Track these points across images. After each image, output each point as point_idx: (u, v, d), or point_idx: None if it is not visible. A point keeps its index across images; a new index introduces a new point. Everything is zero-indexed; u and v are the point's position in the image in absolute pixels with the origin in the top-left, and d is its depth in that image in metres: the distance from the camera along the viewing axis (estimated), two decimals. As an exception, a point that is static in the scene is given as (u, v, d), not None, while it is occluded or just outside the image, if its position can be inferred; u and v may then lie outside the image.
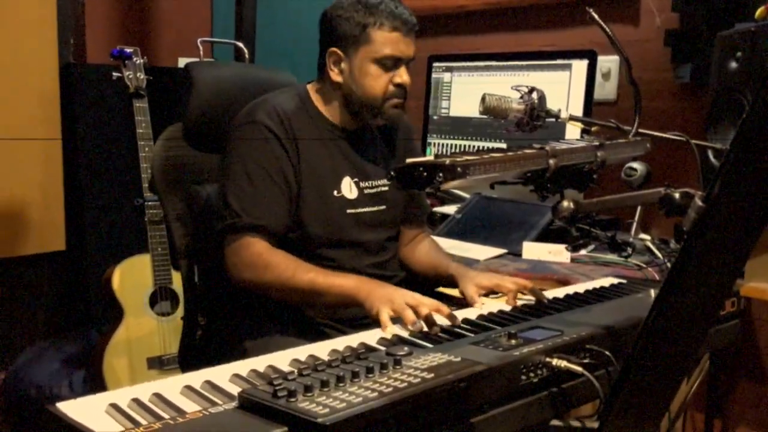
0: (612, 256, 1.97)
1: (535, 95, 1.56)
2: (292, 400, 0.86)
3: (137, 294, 2.55)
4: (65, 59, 2.92)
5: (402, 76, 1.63)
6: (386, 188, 1.71)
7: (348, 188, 1.66)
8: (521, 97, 1.56)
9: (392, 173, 1.04)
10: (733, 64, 1.82)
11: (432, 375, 0.95)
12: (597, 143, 1.22)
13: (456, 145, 2.62)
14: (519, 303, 1.48)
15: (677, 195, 1.04)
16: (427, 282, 1.79)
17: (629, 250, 1.98)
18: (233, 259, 1.55)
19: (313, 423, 0.82)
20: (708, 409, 2.24)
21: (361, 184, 1.68)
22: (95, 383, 2.47)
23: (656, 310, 0.91)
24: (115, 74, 2.60)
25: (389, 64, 1.61)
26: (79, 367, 2.57)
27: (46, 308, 2.93)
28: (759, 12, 1.82)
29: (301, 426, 0.83)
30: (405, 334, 1.28)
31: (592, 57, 2.27)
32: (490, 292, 1.57)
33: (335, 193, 1.64)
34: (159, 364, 2.54)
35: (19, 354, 2.67)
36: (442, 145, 2.66)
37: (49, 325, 2.93)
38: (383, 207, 1.70)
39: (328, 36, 1.64)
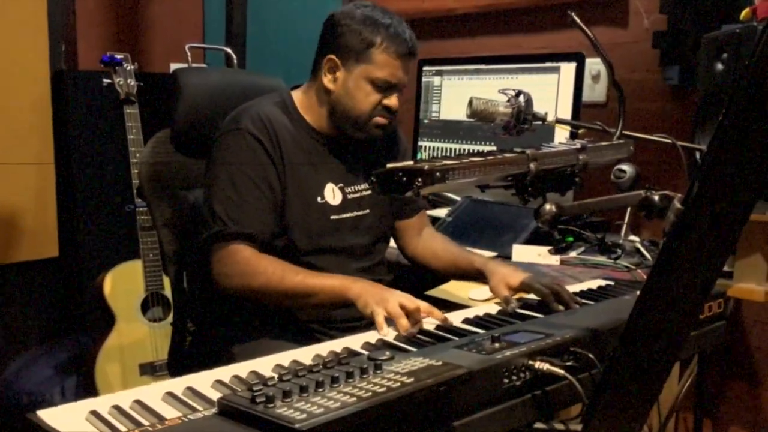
0: (601, 258, 1.97)
1: (521, 98, 1.56)
2: (270, 405, 0.86)
3: (129, 300, 2.55)
4: (56, 66, 2.92)
5: (392, 100, 1.62)
6: (368, 192, 1.70)
7: (331, 194, 1.65)
8: (508, 101, 1.57)
9: (372, 178, 1.04)
10: (719, 66, 1.82)
11: (412, 379, 0.95)
12: (578, 146, 1.22)
13: (447, 149, 2.63)
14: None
15: (656, 197, 1.04)
16: (441, 278, 1.80)
17: (618, 251, 1.99)
18: (221, 268, 1.53)
19: (290, 428, 0.81)
20: (697, 410, 2.24)
21: (346, 189, 1.68)
22: (87, 390, 2.47)
23: (637, 312, 0.92)
24: (106, 81, 2.60)
25: (383, 86, 1.60)
26: (72, 374, 2.56)
27: (39, 315, 2.93)
28: (744, 13, 1.82)
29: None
30: (390, 337, 1.28)
31: (580, 59, 2.27)
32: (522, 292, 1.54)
33: (318, 199, 1.63)
34: (151, 370, 2.53)
35: (12, 361, 2.66)
36: (433, 148, 2.66)
37: (42, 332, 2.92)
38: (367, 211, 1.70)
39: (329, 41, 1.62)
